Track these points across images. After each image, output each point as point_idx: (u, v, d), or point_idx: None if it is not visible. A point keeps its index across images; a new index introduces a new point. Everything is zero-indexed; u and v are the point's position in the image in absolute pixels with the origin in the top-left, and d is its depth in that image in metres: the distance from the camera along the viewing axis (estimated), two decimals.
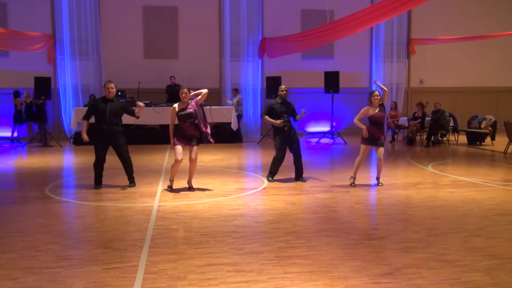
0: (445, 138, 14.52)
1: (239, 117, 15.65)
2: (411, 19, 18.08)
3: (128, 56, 16.55)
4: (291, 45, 15.35)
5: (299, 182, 8.50)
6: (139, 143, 13.98)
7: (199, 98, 7.76)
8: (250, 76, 17.17)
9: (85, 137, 8.01)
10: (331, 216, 6.32)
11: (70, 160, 12.14)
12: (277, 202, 7.07)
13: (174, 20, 16.86)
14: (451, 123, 14.59)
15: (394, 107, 15.64)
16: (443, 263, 4.55)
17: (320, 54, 17.25)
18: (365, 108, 8.11)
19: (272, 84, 15.43)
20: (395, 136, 15.27)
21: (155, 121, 14.05)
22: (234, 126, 14.89)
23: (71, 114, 15.36)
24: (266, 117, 8.39)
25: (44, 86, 14.35)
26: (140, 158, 11.60)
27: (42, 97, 14.32)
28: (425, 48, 17.80)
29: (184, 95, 7.67)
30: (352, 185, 8.16)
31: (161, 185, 8.22)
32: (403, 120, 15.51)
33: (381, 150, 8.12)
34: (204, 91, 7.80)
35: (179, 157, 7.57)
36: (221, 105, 16.08)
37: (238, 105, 15.69)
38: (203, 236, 5.39)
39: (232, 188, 8.07)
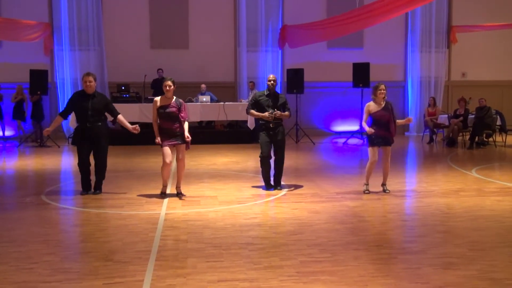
0: (491, 139, 14.32)
1: None
2: (452, 4, 17.89)
3: (133, 47, 16.70)
4: (315, 33, 15.31)
5: (323, 188, 8.46)
6: (144, 144, 14.04)
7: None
8: (269, 68, 17.18)
9: (48, 131, 8.06)
10: (360, 227, 6.28)
11: (68, 162, 12.28)
12: (299, 210, 7.05)
13: (184, 6, 16.95)
14: (498, 122, 14.40)
15: (433, 103, 15.50)
16: (489, 281, 4.48)
17: (348, 43, 17.16)
18: (366, 105, 8.04)
19: (294, 77, 15.43)
20: (434, 137, 15.13)
21: None
22: (250, 124, 14.89)
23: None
24: (252, 111, 8.24)
25: (40, 80, 14.54)
26: (146, 160, 11.69)
27: (38, 92, 14.51)
28: (468, 36, 17.58)
29: (168, 88, 7.60)
30: (366, 192, 8.09)
31: (169, 191, 8.26)
32: (442, 118, 15.35)
33: (388, 150, 8.05)
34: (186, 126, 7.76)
35: (167, 159, 7.59)
36: (236, 101, 16.10)
37: None
38: (216, 248, 5.40)
39: (248, 195, 8.07)
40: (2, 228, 6.26)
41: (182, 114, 7.66)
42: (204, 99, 15.06)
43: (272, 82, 8.19)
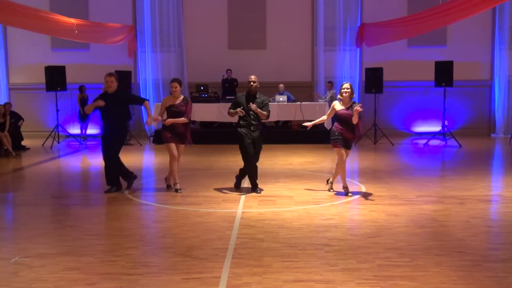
0: None
1: None
2: None
3: (211, 47, 17.05)
4: (395, 31, 14.96)
5: (402, 190, 8.24)
6: (222, 143, 14.32)
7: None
8: (347, 68, 16.98)
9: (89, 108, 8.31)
10: (441, 232, 6.08)
11: (150, 160, 12.74)
12: (377, 212, 6.92)
13: (261, 6, 17.09)
14: None
15: None
16: None
17: (430, 41, 16.62)
18: (333, 102, 7.96)
19: (373, 76, 15.15)
20: None
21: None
22: (327, 125, 14.75)
23: (152, 111, 16.09)
24: (230, 110, 8.14)
25: (124, 81, 15.19)
26: (224, 159, 11.89)
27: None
28: None
29: (174, 88, 8.15)
30: (332, 190, 8.12)
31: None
32: None
33: (348, 152, 7.91)
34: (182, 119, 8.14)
35: (174, 153, 8.09)
36: (313, 101, 16.01)
37: (332, 101, 15.54)
38: (291, 248, 5.41)
39: (324, 195, 8.02)
40: (89, 222, 6.60)
41: (184, 109, 8.12)
42: (281, 99, 15.12)
43: (251, 83, 8.23)
